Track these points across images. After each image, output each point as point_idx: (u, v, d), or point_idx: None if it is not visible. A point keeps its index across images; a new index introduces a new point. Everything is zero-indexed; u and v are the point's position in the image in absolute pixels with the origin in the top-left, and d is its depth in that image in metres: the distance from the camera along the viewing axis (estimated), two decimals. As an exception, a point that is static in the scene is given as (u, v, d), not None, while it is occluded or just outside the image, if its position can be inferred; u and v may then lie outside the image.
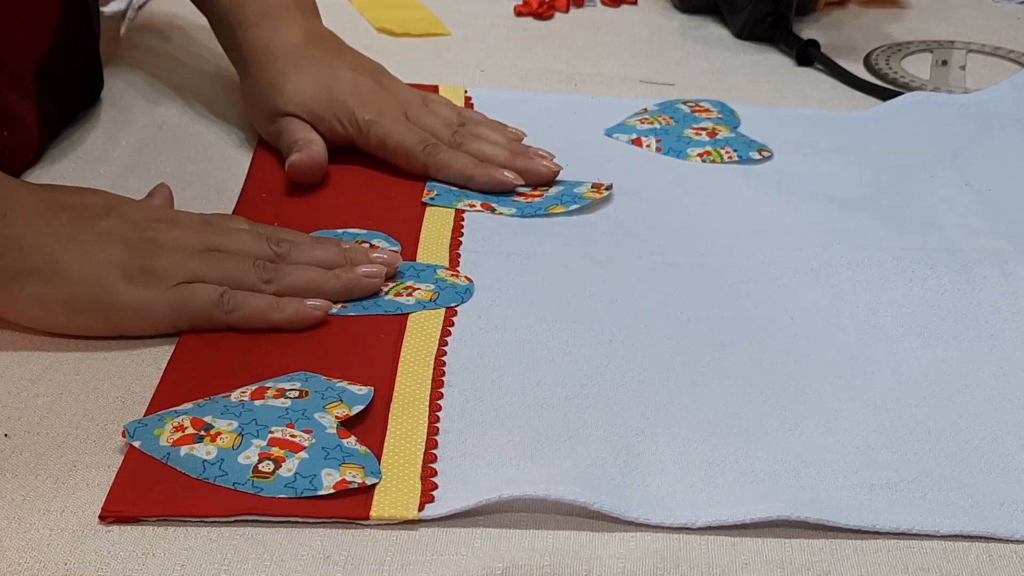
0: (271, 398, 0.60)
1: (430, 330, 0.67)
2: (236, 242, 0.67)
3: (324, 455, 0.57)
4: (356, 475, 0.56)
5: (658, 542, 0.55)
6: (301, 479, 0.56)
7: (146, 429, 0.58)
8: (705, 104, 0.94)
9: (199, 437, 0.57)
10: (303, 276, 0.67)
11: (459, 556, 0.53)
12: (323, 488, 0.55)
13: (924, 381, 0.66)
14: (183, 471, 0.56)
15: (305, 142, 0.81)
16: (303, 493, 0.55)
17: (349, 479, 0.56)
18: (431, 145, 0.81)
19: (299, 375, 0.62)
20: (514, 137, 0.85)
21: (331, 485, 0.55)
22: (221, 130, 0.88)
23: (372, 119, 0.82)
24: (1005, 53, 1.10)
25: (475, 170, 0.80)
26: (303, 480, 0.56)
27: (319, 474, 0.56)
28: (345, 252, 0.69)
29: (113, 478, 0.56)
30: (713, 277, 0.73)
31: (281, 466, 0.56)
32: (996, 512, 0.57)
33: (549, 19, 1.13)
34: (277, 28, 0.84)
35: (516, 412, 0.61)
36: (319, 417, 0.59)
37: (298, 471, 0.56)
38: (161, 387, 0.62)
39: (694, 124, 0.91)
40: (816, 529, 0.56)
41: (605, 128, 0.90)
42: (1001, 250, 0.77)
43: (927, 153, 0.89)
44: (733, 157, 0.87)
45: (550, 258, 0.74)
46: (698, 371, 0.65)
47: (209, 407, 0.59)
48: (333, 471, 0.56)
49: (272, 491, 0.55)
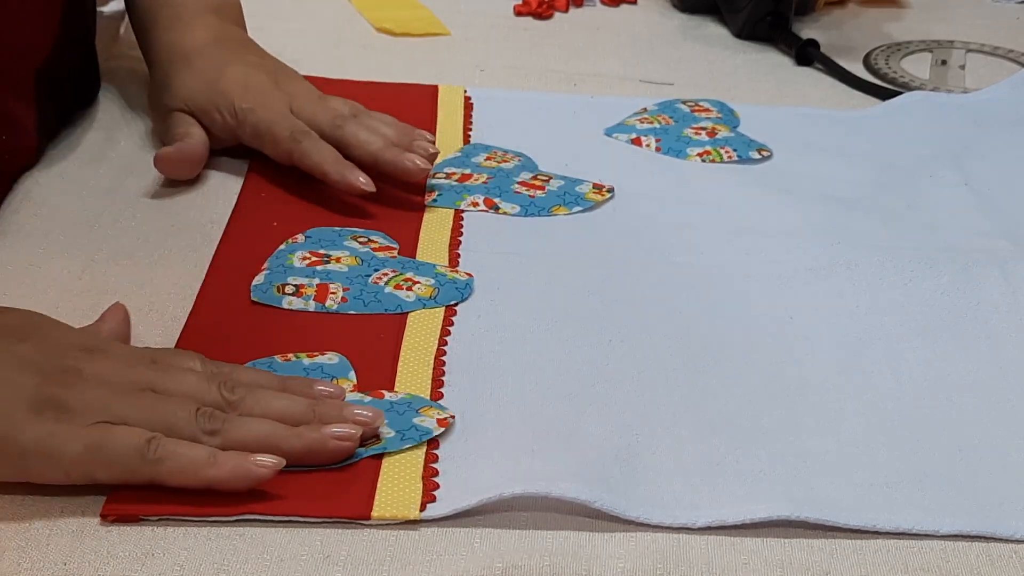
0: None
1: (429, 330, 0.67)
2: (179, 383, 0.57)
3: (400, 412, 0.59)
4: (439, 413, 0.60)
5: (658, 542, 0.55)
6: (409, 432, 0.58)
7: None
8: (705, 104, 0.94)
9: None
10: (256, 430, 0.56)
11: (459, 556, 0.53)
12: (435, 431, 0.59)
13: (924, 381, 0.66)
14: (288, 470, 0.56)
15: (181, 135, 0.79)
16: (423, 439, 0.58)
17: (441, 416, 0.59)
18: (299, 132, 0.78)
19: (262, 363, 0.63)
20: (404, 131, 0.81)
21: (434, 426, 0.59)
22: (221, 130, 0.88)
23: (249, 107, 0.79)
24: (1005, 53, 1.10)
25: (329, 166, 0.77)
26: (411, 433, 0.58)
27: (415, 425, 0.59)
28: (315, 406, 0.58)
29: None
30: (713, 277, 0.73)
31: (379, 434, 0.58)
32: (996, 512, 0.57)
33: (549, 19, 1.13)
34: (186, 31, 0.84)
35: (516, 412, 0.61)
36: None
37: (397, 429, 0.58)
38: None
39: (694, 124, 0.91)
40: (816, 529, 0.56)
41: (605, 128, 0.90)
42: (1001, 250, 0.77)
43: (926, 153, 0.89)
44: (733, 157, 0.87)
45: (550, 258, 0.74)
46: (698, 371, 0.65)
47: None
48: (423, 418, 0.59)
49: (395, 446, 0.57)
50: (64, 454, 0.53)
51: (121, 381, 0.56)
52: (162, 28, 0.84)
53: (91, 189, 0.79)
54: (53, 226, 0.74)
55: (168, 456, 0.53)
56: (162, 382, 0.57)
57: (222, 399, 0.57)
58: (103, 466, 0.54)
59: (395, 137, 0.80)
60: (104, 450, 0.53)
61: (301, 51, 1.00)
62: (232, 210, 0.77)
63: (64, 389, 0.54)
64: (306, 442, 0.56)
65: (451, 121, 0.90)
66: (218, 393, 0.57)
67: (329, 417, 0.57)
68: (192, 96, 0.81)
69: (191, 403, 0.56)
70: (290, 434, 0.56)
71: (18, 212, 0.75)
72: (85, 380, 0.55)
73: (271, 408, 0.57)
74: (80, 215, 0.75)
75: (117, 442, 0.53)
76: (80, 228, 0.74)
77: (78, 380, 0.55)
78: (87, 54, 0.88)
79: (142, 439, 0.53)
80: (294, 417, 0.57)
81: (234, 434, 0.55)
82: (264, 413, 0.57)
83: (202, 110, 0.81)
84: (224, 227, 0.75)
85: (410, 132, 0.81)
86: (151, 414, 0.55)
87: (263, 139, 0.80)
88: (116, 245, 0.73)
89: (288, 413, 0.57)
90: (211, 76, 0.81)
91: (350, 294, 0.69)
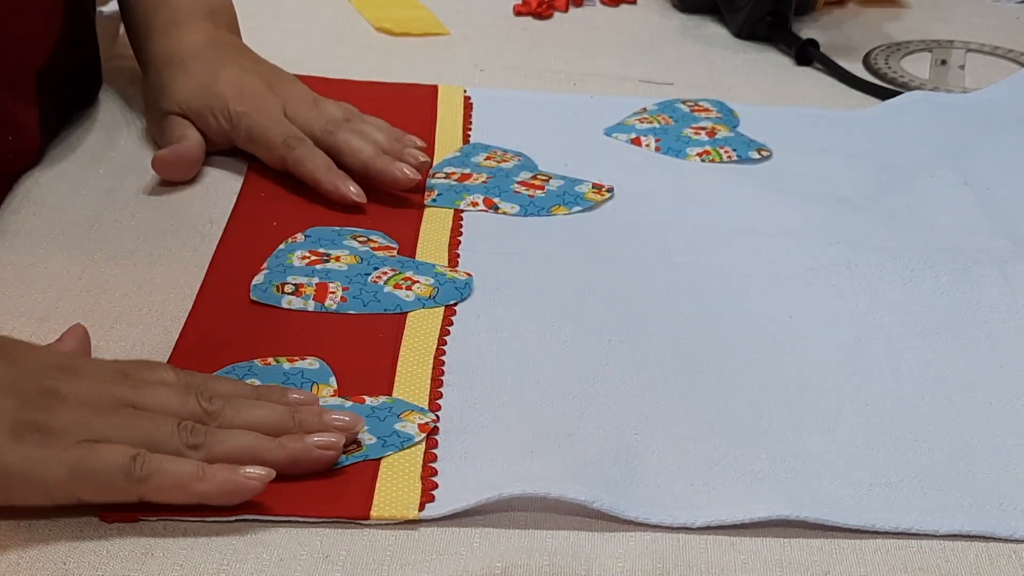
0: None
1: (429, 330, 0.67)
2: (156, 398, 0.56)
3: (380, 418, 0.59)
4: (420, 417, 0.59)
5: (657, 542, 0.55)
6: (390, 439, 0.58)
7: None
8: (704, 104, 0.94)
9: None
10: (238, 442, 0.55)
11: (458, 556, 0.53)
12: (416, 437, 0.58)
13: (923, 380, 0.66)
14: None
15: (177, 137, 0.80)
16: (405, 446, 0.58)
17: (423, 421, 0.59)
18: (293, 138, 0.79)
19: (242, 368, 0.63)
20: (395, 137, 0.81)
21: (415, 432, 0.58)
22: (220, 130, 0.88)
23: (244, 111, 0.80)
24: (1004, 53, 1.10)
25: (322, 175, 0.77)
26: (392, 439, 0.58)
27: (396, 431, 0.58)
28: (294, 414, 0.57)
29: (113, 478, 0.56)
30: (713, 277, 0.73)
31: (359, 440, 0.58)
32: (995, 511, 0.57)
33: (548, 19, 1.13)
34: (181, 35, 0.84)
35: (515, 412, 0.61)
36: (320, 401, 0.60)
37: (379, 436, 0.58)
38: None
39: (693, 123, 0.91)
40: (815, 529, 0.56)
41: (605, 127, 0.90)
42: (1000, 249, 0.77)
43: (926, 153, 0.89)
44: (732, 156, 0.87)
45: (549, 258, 0.74)
46: (697, 371, 0.65)
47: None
48: (404, 423, 0.59)
49: (377, 454, 0.57)
50: (47, 478, 0.52)
51: (99, 399, 0.55)
52: (157, 32, 0.84)
53: (91, 189, 0.79)
54: (53, 226, 0.74)
55: (155, 472, 0.53)
56: (140, 397, 0.55)
57: (201, 410, 0.56)
58: (88, 488, 0.52)
59: (386, 143, 0.80)
60: (88, 472, 0.52)
61: (301, 51, 1.00)
62: (232, 210, 0.77)
63: (43, 412, 0.53)
64: (290, 452, 0.55)
65: (451, 121, 0.90)
66: (196, 405, 0.56)
67: (309, 424, 0.57)
68: (187, 99, 0.81)
69: (170, 418, 0.55)
70: (273, 445, 0.55)
71: (18, 212, 0.75)
72: (63, 401, 0.54)
73: (252, 417, 0.57)
74: (80, 215, 0.75)
75: (101, 462, 0.52)
76: (80, 228, 0.74)
77: (56, 402, 0.54)
78: (88, 54, 0.88)
79: (126, 457, 0.52)
80: (274, 426, 0.56)
81: (217, 448, 0.55)
82: (245, 423, 0.56)
83: (197, 113, 0.81)
84: (224, 227, 0.75)
85: (401, 138, 0.81)
86: (132, 432, 0.54)
87: (257, 144, 0.80)
88: (116, 245, 0.73)
89: (268, 422, 0.57)
90: (206, 79, 0.81)
91: (349, 293, 0.69)
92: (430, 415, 0.60)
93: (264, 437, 0.56)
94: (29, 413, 0.53)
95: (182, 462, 0.53)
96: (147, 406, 0.55)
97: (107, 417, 0.54)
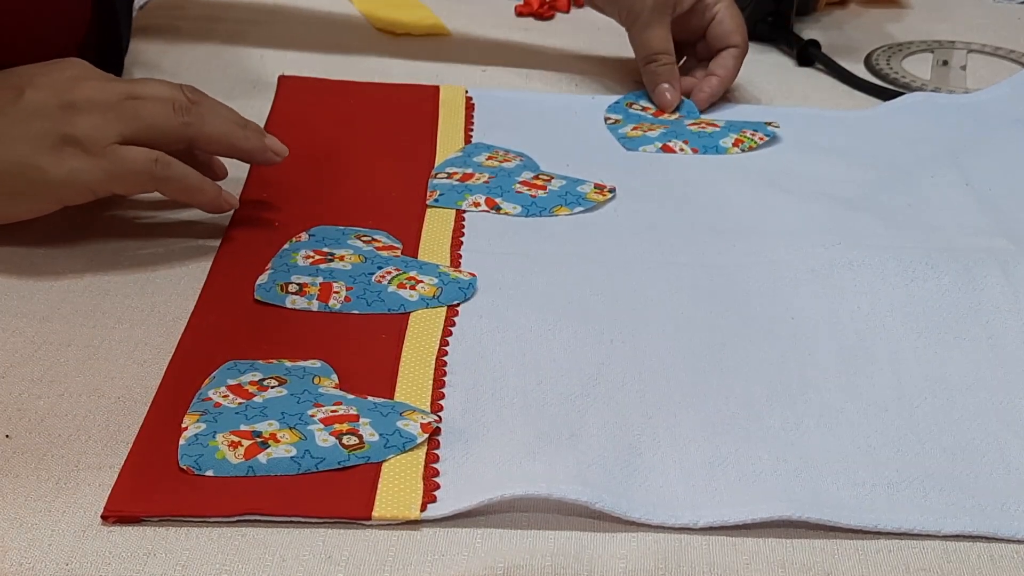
0: (260, 392, 0.60)
1: (431, 330, 0.67)
2: (152, 88, 0.69)
3: (383, 414, 0.59)
4: (423, 417, 0.59)
5: (659, 542, 0.55)
6: (393, 438, 0.58)
7: (206, 455, 0.57)
8: None
9: (263, 443, 0.57)
10: (220, 126, 0.71)
11: (460, 557, 0.53)
12: (419, 437, 0.58)
13: (925, 381, 0.66)
14: (280, 474, 0.56)
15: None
16: (407, 447, 0.57)
17: (425, 421, 0.59)
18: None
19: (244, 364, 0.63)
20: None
21: (418, 431, 0.58)
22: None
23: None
24: (1006, 53, 1.10)
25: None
26: (395, 438, 0.58)
27: (399, 429, 0.58)
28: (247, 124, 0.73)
29: (115, 478, 0.56)
30: (714, 277, 0.73)
31: (362, 435, 0.58)
32: (997, 512, 0.57)
33: (550, 19, 1.13)
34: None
35: (517, 412, 0.61)
36: (323, 391, 0.60)
37: (381, 433, 0.58)
38: (162, 389, 0.62)
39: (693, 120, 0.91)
40: (817, 529, 0.56)
41: (606, 106, 0.93)
42: (1001, 249, 0.77)
43: (927, 153, 0.89)
44: (763, 138, 0.89)
45: (551, 258, 0.74)
46: (699, 371, 0.65)
47: (228, 417, 0.59)
48: (406, 422, 0.58)
49: (379, 455, 0.57)
50: (90, 182, 0.67)
51: (107, 98, 0.67)
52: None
53: (92, 189, 0.79)
54: (53, 226, 0.74)
55: (171, 175, 0.68)
56: (138, 89, 0.69)
57: (186, 98, 0.70)
58: (121, 184, 0.68)
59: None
60: (121, 173, 0.67)
61: (301, 51, 1.00)
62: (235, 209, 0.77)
63: (69, 126, 0.66)
64: (252, 144, 0.72)
65: (452, 121, 0.90)
66: (182, 93, 0.70)
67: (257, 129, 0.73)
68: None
69: (166, 101, 0.69)
70: (241, 135, 0.72)
71: (19, 212, 0.75)
72: (80, 110, 0.66)
73: (222, 110, 0.72)
74: (80, 215, 0.75)
75: (131, 165, 0.67)
76: (80, 228, 0.74)
77: (75, 112, 0.66)
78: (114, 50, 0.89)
79: (149, 160, 0.67)
80: (236, 119, 0.72)
81: (205, 127, 0.70)
82: (217, 114, 0.71)
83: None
84: (227, 226, 0.75)
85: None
86: (138, 119, 0.67)
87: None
88: (116, 245, 0.73)
89: (232, 115, 0.72)
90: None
91: (353, 293, 0.69)
92: (432, 415, 0.60)
93: (236, 126, 0.72)
94: (59, 127, 0.66)
95: (190, 172, 0.70)
96: (144, 95, 0.69)
97: (118, 112, 0.67)
